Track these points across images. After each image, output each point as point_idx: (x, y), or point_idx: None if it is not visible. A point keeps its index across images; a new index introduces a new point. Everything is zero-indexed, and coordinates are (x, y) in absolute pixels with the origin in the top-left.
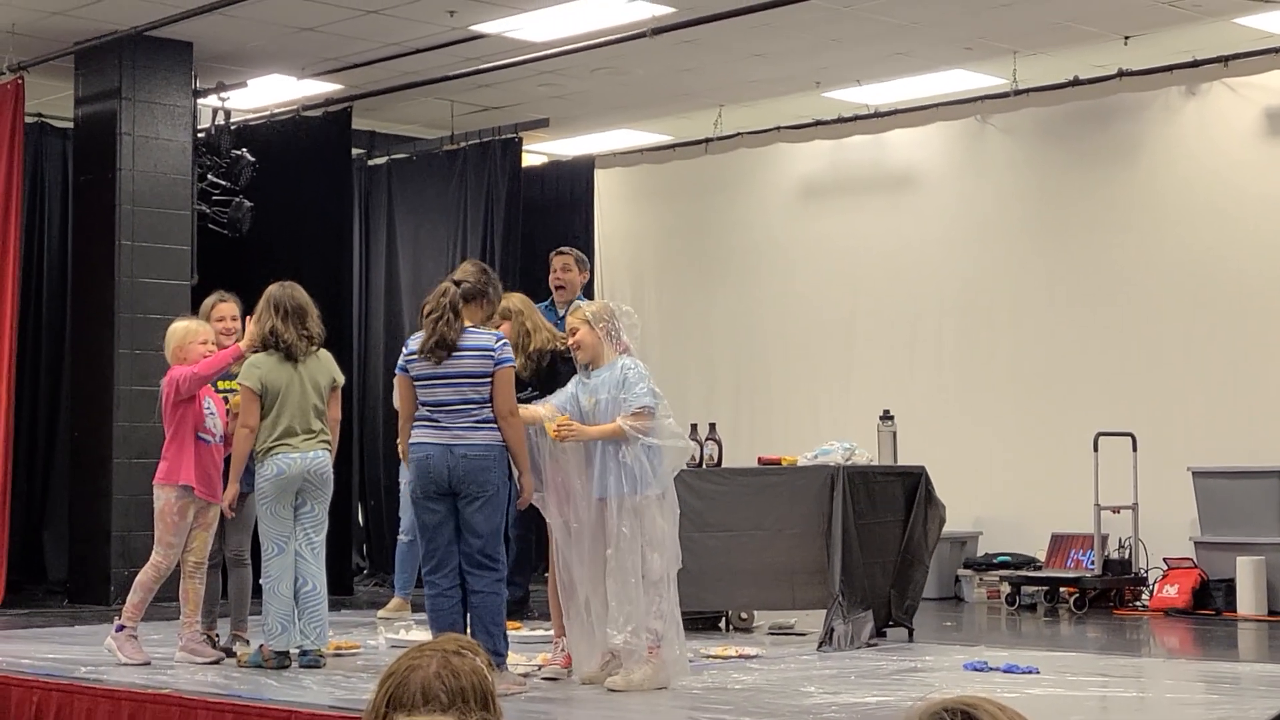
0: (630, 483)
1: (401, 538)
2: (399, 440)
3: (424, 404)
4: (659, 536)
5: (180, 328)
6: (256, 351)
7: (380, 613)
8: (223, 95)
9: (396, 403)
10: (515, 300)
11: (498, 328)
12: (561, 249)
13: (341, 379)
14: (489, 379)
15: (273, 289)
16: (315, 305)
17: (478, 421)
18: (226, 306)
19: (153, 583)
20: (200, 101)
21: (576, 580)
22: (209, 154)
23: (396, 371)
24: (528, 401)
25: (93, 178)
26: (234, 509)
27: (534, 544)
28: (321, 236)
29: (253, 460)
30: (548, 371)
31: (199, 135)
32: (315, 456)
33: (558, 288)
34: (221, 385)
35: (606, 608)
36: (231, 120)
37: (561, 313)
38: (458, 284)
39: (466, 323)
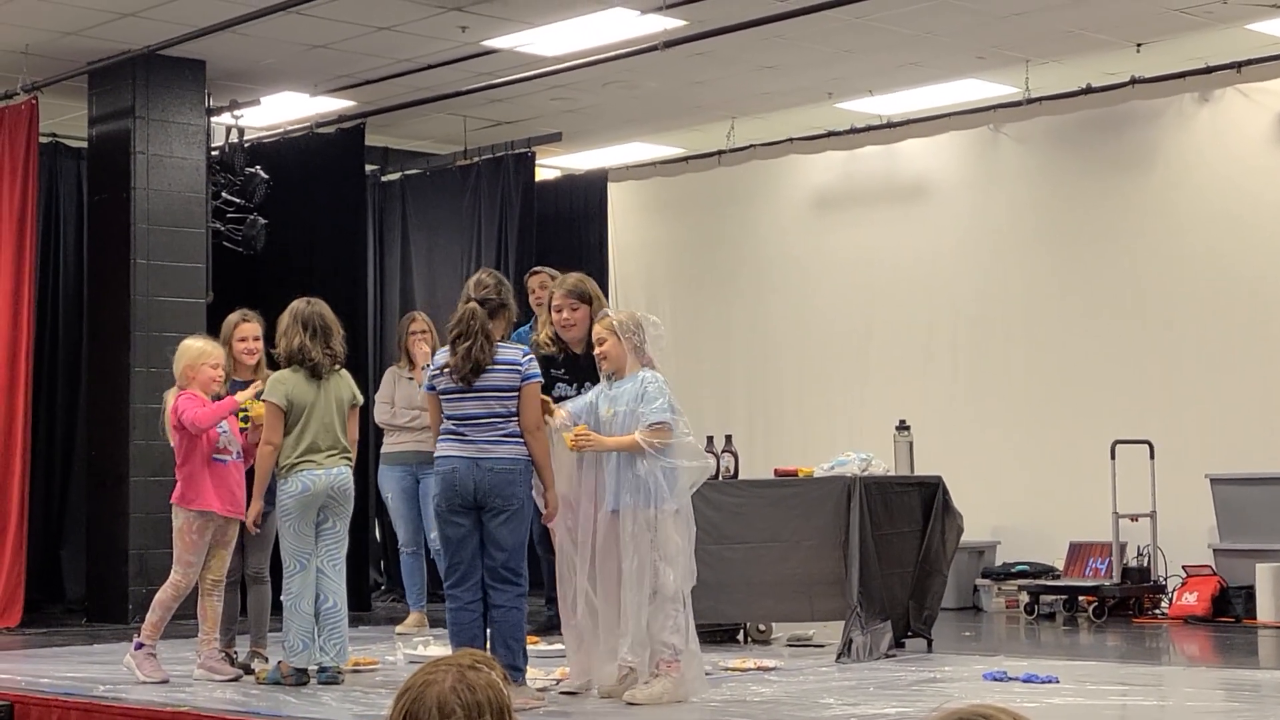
0: (644, 496)
1: (404, 550)
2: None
3: (450, 417)
4: (672, 552)
5: (193, 348)
6: (277, 369)
7: (398, 629)
8: (236, 113)
9: (379, 418)
10: (589, 282)
11: (574, 310)
12: (535, 269)
13: (360, 398)
14: (516, 393)
15: (299, 305)
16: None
17: (504, 435)
18: (250, 326)
19: (172, 601)
20: (214, 120)
21: (578, 593)
22: (223, 172)
23: (424, 390)
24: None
25: (107, 197)
26: (258, 525)
27: None
28: (336, 253)
29: (273, 478)
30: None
31: (213, 153)
32: (339, 473)
33: (538, 305)
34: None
35: (618, 621)
36: (245, 138)
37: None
38: (482, 303)
39: (495, 336)
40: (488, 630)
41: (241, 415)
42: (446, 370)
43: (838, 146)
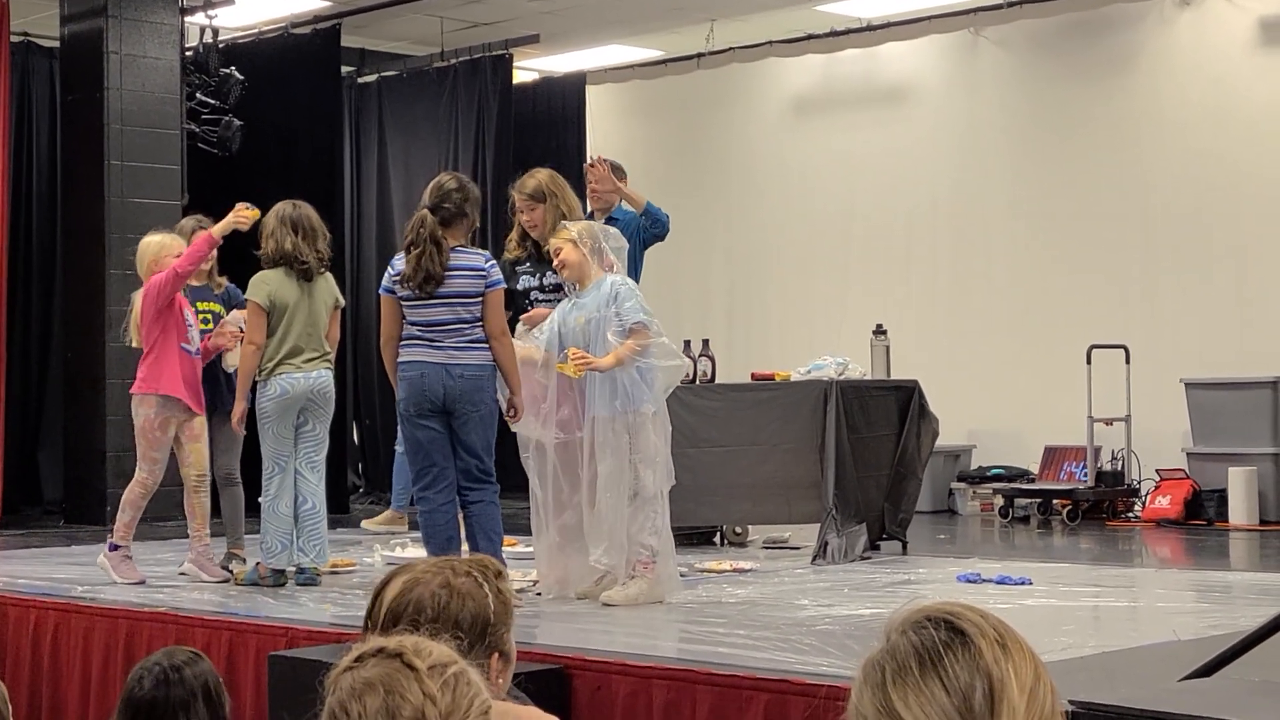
0: (622, 400)
1: (398, 449)
2: (387, 365)
3: (414, 323)
4: (651, 453)
5: (154, 242)
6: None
7: (368, 523)
8: (210, 13)
9: None
10: (545, 179)
11: (532, 211)
12: (590, 161)
13: (343, 300)
14: (480, 298)
15: (284, 208)
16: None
17: (470, 341)
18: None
19: (140, 500)
20: (188, 19)
21: (561, 498)
22: (197, 72)
23: (381, 292)
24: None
25: (80, 97)
26: (243, 425)
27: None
28: (312, 155)
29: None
30: None
31: (187, 54)
32: (318, 376)
33: (594, 195)
34: (202, 306)
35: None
36: (219, 38)
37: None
38: (435, 210)
39: (451, 243)
40: (463, 531)
41: (203, 317)
42: (403, 284)
43: (817, 50)
